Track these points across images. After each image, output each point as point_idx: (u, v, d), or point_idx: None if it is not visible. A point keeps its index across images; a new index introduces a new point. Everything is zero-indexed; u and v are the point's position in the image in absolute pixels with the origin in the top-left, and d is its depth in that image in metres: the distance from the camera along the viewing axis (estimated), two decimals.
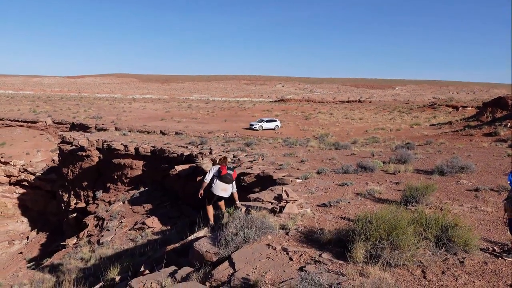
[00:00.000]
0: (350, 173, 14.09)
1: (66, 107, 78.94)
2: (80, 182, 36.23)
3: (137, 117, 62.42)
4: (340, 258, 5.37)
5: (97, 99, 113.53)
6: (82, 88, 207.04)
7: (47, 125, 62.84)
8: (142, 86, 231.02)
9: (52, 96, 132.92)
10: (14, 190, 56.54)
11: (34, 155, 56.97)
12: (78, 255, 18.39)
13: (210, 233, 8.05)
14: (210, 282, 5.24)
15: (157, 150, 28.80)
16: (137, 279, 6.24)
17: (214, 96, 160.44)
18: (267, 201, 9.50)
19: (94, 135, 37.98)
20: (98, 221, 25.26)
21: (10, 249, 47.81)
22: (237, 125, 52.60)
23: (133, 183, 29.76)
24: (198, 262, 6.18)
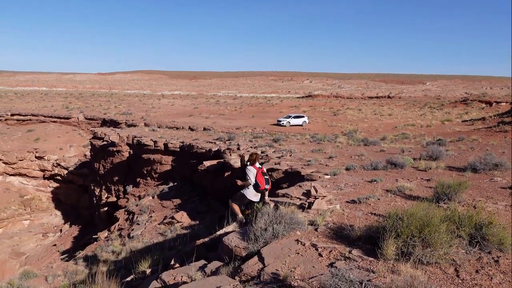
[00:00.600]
0: (379, 169, 13.92)
1: (97, 104, 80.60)
2: (111, 177, 36.98)
3: (166, 113, 63.19)
4: (370, 255, 5.32)
5: (127, 96, 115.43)
6: (112, 85, 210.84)
7: (79, 121, 64.34)
8: (171, 83, 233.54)
9: (83, 92, 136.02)
10: (48, 184, 58.22)
11: (67, 150, 58.44)
12: (110, 248, 18.79)
13: (239, 228, 8.10)
14: (239, 277, 5.28)
15: (185, 146, 29.11)
16: (167, 272, 6.34)
17: (242, 92, 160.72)
18: (296, 197, 9.48)
19: (125, 131, 38.66)
20: (129, 215, 25.76)
21: (44, 241, 49.32)
22: (265, 121, 52.61)
23: (162, 178, 30.19)
24: (227, 256, 6.23)
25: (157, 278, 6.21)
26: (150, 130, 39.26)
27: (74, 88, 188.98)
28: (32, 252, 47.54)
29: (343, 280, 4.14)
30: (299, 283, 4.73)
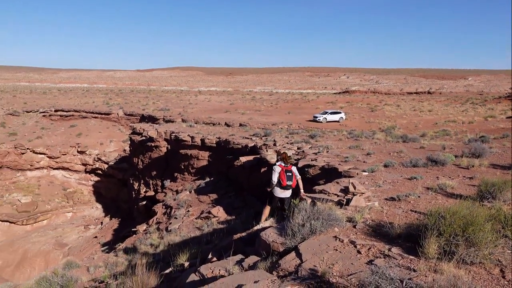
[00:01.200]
0: (419, 166, 13.59)
1: (136, 100, 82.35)
2: (149, 172, 37.76)
3: (202, 109, 63.86)
4: (411, 253, 5.21)
5: (164, 92, 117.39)
6: (150, 81, 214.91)
7: (119, 116, 65.97)
8: (207, 79, 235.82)
9: (123, 89, 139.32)
10: (89, 178, 60.04)
11: (107, 145, 60.06)
12: (148, 241, 19.18)
13: (276, 224, 8.11)
14: (277, 272, 5.28)
15: (222, 142, 29.35)
16: (205, 266, 6.42)
17: (278, 88, 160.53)
18: (333, 194, 9.40)
19: (163, 127, 39.34)
20: (166, 209, 26.23)
21: (86, 233, 50.92)
22: (301, 117, 52.33)
23: (199, 173, 30.57)
24: (264, 251, 6.25)
25: (196, 271, 6.30)
26: (187, 126, 39.79)
27: (114, 85, 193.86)
28: (74, 243, 49.21)
29: (383, 278, 4.07)
30: (338, 279, 4.69)
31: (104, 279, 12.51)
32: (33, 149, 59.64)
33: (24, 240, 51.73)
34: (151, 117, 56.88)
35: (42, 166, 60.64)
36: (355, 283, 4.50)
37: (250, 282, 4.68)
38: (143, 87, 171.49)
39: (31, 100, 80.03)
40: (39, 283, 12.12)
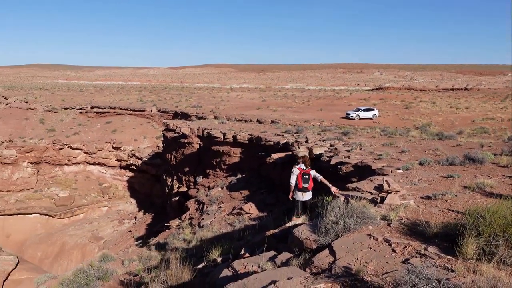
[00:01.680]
0: (456, 165, 13.25)
1: (169, 97, 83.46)
2: (182, 168, 38.23)
3: (234, 106, 64.19)
4: (448, 253, 5.09)
5: (197, 89, 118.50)
6: (183, 79, 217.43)
7: (152, 113, 67.06)
8: (239, 76, 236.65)
9: (156, 86, 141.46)
10: (124, 173, 61.34)
11: (141, 141, 61.18)
12: (181, 236, 19.44)
13: (309, 221, 8.07)
14: (310, 269, 5.27)
15: (254, 138, 29.39)
16: (238, 261, 6.46)
17: (310, 85, 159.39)
18: (367, 191, 9.28)
19: (195, 123, 39.72)
20: (199, 205, 26.51)
21: (120, 227, 52.09)
22: (333, 114, 51.89)
23: (231, 169, 30.72)
24: (297, 248, 6.24)
25: (228, 267, 6.35)
26: (219, 123, 40.04)
27: (147, 82, 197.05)
28: (109, 237, 50.43)
29: (420, 277, 3.99)
30: (372, 278, 4.63)
31: (138, 273, 12.78)
32: (71, 145, 61.42)
33: (61, 233, 53.42)
34: (183, 114, 57.54)
35: (79, 162, 62.38)
36: (390, 282, 4.43)
37: (283, 278, 4.68)
38: (176, 84, 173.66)
39: (69, 97, 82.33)
40: (76, 275, 12.50)
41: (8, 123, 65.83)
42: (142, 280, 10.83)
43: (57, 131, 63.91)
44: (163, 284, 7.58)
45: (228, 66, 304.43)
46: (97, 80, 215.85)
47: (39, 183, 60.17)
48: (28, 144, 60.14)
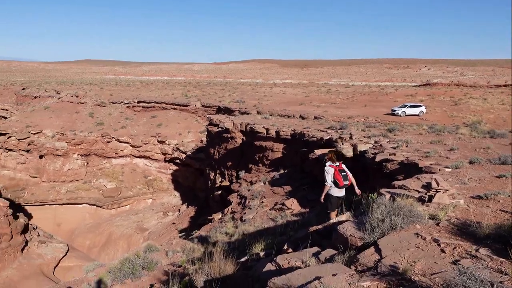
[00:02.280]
0: (509, 164, 12.66)
1: (213, 92, 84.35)
2: (225, 162, 38.63)
3: (277, 101, 64.12)
4: (501, 256, 4.88)
5: (240, 84, 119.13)
6: (227, 74, 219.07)
7: (196, 108, 68.06)
8: (282, 71, 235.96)
9: (200, 81, 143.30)
10: (168, 166, 62.71)
11: (185, 135, 62.26)
12: (223, 229, 19.65)
13: (353, 218, 7.96)
14: (355, 266, 5.20)
15: (297, 134, 29.27)
16: (282, 256, 6.46)
17: (354, 81, 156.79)
18: (414, 189, 9.04)
19: (238, 118, 39.96)
20: (241, 200, 26.70)
21: (164, 219, 53.33)
22: (378, 110, 50.88)
23: (273, 165, 30.75)
24: (341, 245, 6.18)
25: (272, 261, 6.37)
26: (262, 118, 40.10)
27: (192, 77, 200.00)
28: (154, 228, 51.78)
29: (472, 279, 3.85)
30: (420, 278, 4.51)
31: (182, 264, 13.03)
32: (118, 138, 63.40)
33: (109, 223, 55.33)
34: (227, 109, 58.02)
35: (125, 154, 64.34)
36: (439, 283, 4.31)
37: (328, 274, 4.64)
38: (219, 79, 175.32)
39: (117, 92, 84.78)
40: (123, 264, 12.89)
41: (60, 117, 68.67)
42: (185, 271, 11.02)
43: (106, 124, 66.07)
44: (206, 276, 7.68)
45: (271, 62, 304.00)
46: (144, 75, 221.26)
47: (88, 175, 62.57)
48: (78, 137, 62.60)
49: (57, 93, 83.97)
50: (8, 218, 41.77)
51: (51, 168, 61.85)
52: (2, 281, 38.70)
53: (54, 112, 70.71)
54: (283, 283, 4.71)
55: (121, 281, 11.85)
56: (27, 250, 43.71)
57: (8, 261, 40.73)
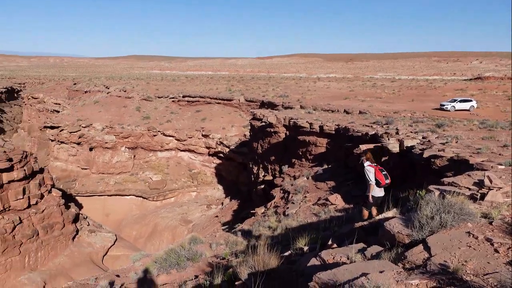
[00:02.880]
0: None
1: (256, 86, 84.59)
2: (268, 156, 38.70)
3: (321, 96, 63.53)
4: None
5: (284, 79, 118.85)
6: (270, 68, 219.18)
7: (240, 102, 68.48)
8: (326, 66, 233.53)
9: (244, 76, 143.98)
10: (212, 160, 63.56)
11: (228, 130, 62.83)
12: (266, 223, 19.71)
13: (400, 215, 7.78)
14: (403, 263, 5.08)
15: (341, 129, 28.91)
16: (326, 251, 6.41)
17: (401, 75, 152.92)
18: (464, 187, 8.73)
19: (281, 113, 39.88)
20: (284, 194, 26.69)
21: (208, 212, 54.16)
22: (426, 105, 49.39)
23: (317, 160, 30.53)
24: (388, 242, 6.05)
25: (316, 256, 6.32)
26: (305, 113, 39.84)
27: (235, 72, 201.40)
28: (198, 220, 52.70)
29: None
30: (472, 278, 4.36)
31: (225, 256, 13.19)
32: (163, 132, 64.83)
33: (154, 215, 56.80)
34: (270, 103, 58.05)
35: (170, 148, 65.75)
36: (493, 284, 4.14)
37: (374, 271, 4.56)
38: (263, 74, 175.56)
39: (162, 86, 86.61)
40: (168, 254, 13.19)
41: (109, 111, 70.96)
42: (229, 264, 11.15)
43: (152, 118, 67.71)
44: (250, 269, 7.74)
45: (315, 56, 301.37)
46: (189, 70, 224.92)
47: (135, 167, 64.44)
48: (126, 130, 64.50)
49: (106, 88, 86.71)
50: (60, 207, 43.69)
51: (100, 160, 64.14)
52: (55, 267, 40.56)
53: (103, 106, 73.13)
54: (329, 278, 4.66)
55: (167, 271, 12.14)
56: (78, 239, 45.57)
57: (60, 249, 42.63)
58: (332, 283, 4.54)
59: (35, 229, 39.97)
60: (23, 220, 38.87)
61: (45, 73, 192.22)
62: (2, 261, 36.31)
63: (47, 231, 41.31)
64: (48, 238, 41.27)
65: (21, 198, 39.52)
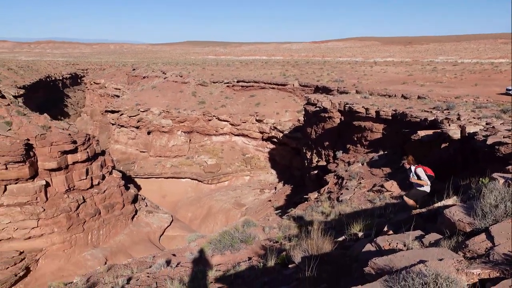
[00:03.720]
0: None
1: (311, 71, 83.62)
2: (321, 142, 38.38)
3: (377, 80, 61.85)
4: None
5: (339, 63, 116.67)
6: (325, 53, 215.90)
7: (294, 87, 68.07)
8: (384, 49, 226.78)
9: (299, 60, 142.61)
10: (265, 145, 63.88)
11: (282, 115, 62.74)
12: (319, 209, 19.64)
13: (461, 203, 7.49)
14: (463, 252, 4.89)
15: (398, 114, 28.12)
16: (382, 237, 6.29)
17: (463, 58, 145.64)
18: None
19: (336, 98, 39.29)
20: (338, 180, 26.44)
21: (261, 196, 54.66)
22: (490, 89, 46.86)
23: (372, 146, 29.94)
24: (448, 230, 5.84)
25: (371, 242, 6.23)
26: (361, 97, 38.98)
27: (290, 57, 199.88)
28: (251, 204, 53.35)
29: None
30: None
31: (278, 240, 13.29)
32: (218, 116, 65.80)
33: (208, 198, 58.09)
34: (325, 88, 57.31)
35: (225, 132, 66.68)
36: None
37: (433, 259, 4.42)
38: (318, 58, 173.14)
39: (217, 72, 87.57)
40: (223, 236, 13.49)
41: (165, 96, 72.83)
42: (282, 247, 11.23)
43: (207, 103, 68.80)
44: (304, 252, 7.76)
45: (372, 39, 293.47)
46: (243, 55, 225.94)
47: (190, 151, 66.03)
48: (182, 115, 66.06)
49: (163, 73, 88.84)
50: (120, 188, 45.70)
51: (158, 144, 66.23)
52: (115, 245, 42.63)
53: (160, 91, 75.10)
54: (385, 264, 4.58)
55: (221, 252, 12.43)
56: (137, 219, 47.54)
57: (120, 228, 44.71)
58: (388, 269, 4.45)
59: (97, 208, 42.13)
60: (86, 200, 41.06)
61: (106, 59, 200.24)
62: (67, 237, 38.62)
63: (108, 210, 43.41)
64: (109, 217, 43.39)
65: (85, 179, 41.69)
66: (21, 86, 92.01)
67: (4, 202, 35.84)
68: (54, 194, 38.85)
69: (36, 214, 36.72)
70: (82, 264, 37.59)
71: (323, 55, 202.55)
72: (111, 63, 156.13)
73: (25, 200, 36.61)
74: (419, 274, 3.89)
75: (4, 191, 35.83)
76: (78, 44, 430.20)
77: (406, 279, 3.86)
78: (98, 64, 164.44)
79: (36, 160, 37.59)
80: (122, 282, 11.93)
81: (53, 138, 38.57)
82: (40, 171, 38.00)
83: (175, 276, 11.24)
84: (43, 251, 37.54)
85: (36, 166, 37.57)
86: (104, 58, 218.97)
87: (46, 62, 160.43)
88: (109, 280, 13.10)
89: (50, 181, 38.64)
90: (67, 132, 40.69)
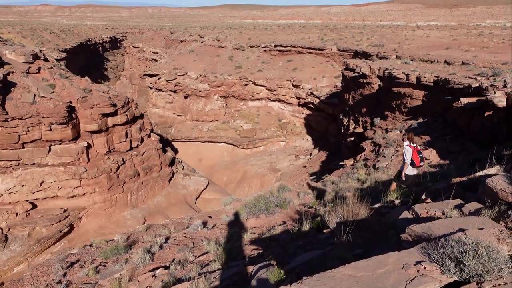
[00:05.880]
0: None
1: (350, 35, 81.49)
2: (359, 108, 37.74)
3: (419, 45, 59.63)
4: None
5: (379, 27, 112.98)
6: (365, 16, 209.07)
7: (332, 52, 66.61)
8: (427, 13, 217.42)
9: (338, 24, 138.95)
10: (301, 111, 63.42)
11: (319, 80, 61.79)
12: (355, 176, 19.52)
13: (504, 172, 7.27)
14: (505, 222, 4.78)
15: (440, 81, 27.17)
16: (420, 205, 6.23)
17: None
18: None
19: (376, 63, 38.27)
20: (375, 147, 26.08)
21: (296, 162, 54.76)
22: None
23: (411, 113, 29.21)
24: (489, 199, 5.71)
25: (409, 209, 6.17)
26: (402, 63, 37.82)
27: (329, 21, 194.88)
28: (286, 170, 53.57)
29: None
30: None
31: (313, 205, 13.36)
32: (254, 81, 65.49)
33: (244, 162, 58.69)
34: (364, 53, 55.84)
35: (261, 97, 66.48)
36: None
37: (473, 227, 4.34)
38: (357, 22, 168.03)
39: (254, 36, 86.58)
40: (258, 200, 13.66)
41: (202, 60, 72.88)
42: (317, 213, 11.29)
43: (243, 68, 68.46)
44: (339, 218, 7.78)
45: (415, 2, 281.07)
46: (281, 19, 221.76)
47: (226, 115, 66.41)
48: (219, 79, 66.11)
49: (200, 37, 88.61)
50: (158, 151, 46.74)
51: (194, 108, 66.88)
52: (153, 205, 44.05)
53: (198, 55, 75.15)
54: (423, 231, 4.54)
55: (256, 215, 12.63)
56: (174, 181, 48.73)
57: (158, 189, 46.01)
58: (426, 236, 4.41)
59: (136, 170, 43.38)
60: (125, 161, 42.30)
61: (144, 23, 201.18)
62: (108, 197, 40.16)
63: (147, 172, 44.64)
64: (148, 179, 44.66)
65: (124, 141, 42.83)
66: (63, 49, 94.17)
67: (49, 162, 37.40)
68: (95, 155, 40.20)
69: (79, 174, 38.22)
70: (122, 223, 39.14)
71: (363, 18, 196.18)
72: (149, 27, 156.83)
73: (68, 161, 38.08)
74: (459, 242, 3.84)
75: (49, 152, 37.33)
76: (117, 8, 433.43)
77: (445, 246, 3.82)
78: (137, 28, 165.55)
79: (78, 122, 38.78)
80: (161, 241, 12.37)
81: (94, 101, 39.56)
82: (82, 133, 39.25)
83: (211, 237, 11.54)
84: (85, 210, 39.26)
85: (78, 128, 38.80)
86: (142, 22, 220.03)
87: (87, 26, 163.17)
88: (148, 239, 13.60)
89: (92, 143, 39.92)
90: (107, 95, 41.57)
